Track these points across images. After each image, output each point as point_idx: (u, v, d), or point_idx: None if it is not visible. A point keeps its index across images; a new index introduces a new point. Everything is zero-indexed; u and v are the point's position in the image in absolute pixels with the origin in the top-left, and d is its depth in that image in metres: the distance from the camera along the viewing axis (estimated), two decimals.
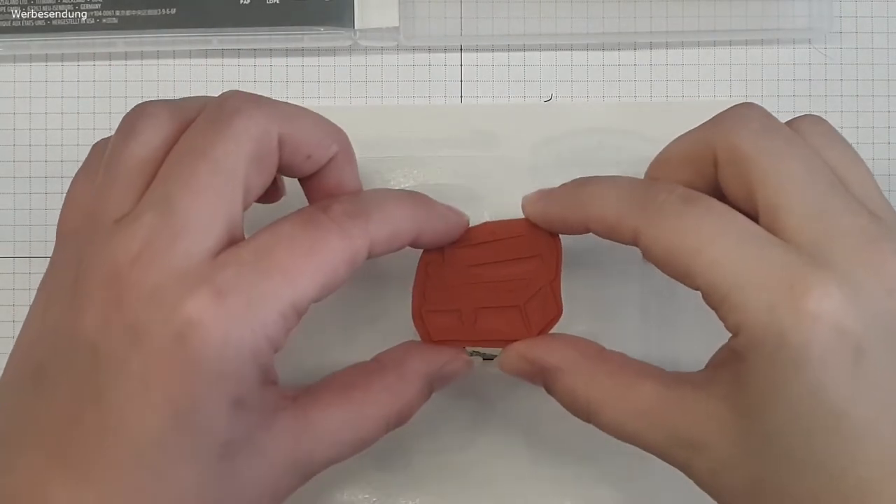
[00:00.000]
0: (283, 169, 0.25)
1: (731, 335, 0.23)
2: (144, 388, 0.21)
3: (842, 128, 0.32)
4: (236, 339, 0.21)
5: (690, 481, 0.24)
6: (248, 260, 0.22)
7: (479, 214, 0.32)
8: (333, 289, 0.23)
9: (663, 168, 0.27)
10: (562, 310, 0.27)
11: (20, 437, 0.22)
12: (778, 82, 0.33)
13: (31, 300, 0.33)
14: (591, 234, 0.26)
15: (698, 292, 0.23)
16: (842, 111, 0.33)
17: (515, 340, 0.27)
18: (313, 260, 0.22)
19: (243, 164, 0.23)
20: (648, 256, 0.24)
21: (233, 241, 0.23)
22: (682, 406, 0.24)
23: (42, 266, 0.32)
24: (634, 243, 0.24)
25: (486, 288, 0.27)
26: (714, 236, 0.23)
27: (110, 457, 0.21)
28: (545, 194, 0.27)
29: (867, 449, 0.21)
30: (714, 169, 0.25)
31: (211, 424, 0.22)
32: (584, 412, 0.26)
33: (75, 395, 0.22)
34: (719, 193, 0.25)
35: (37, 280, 0.32)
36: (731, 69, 0.33)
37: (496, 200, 0.32)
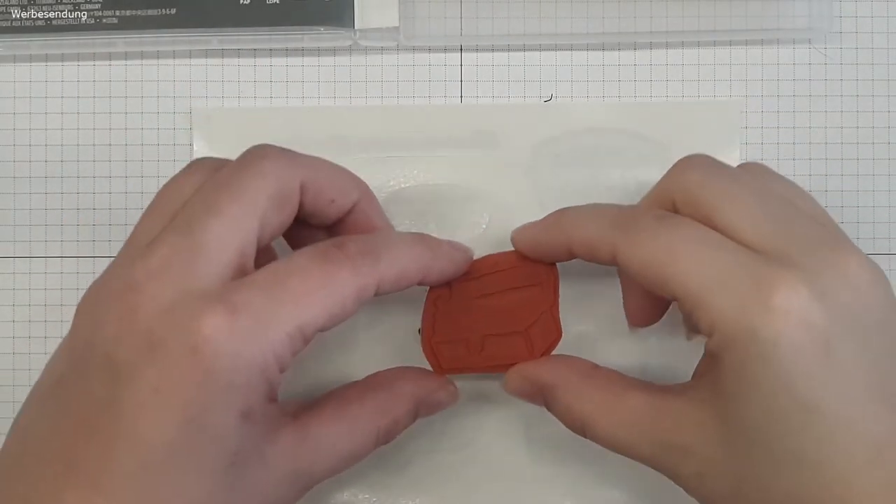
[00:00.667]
0: (310, 215, 0.27)
1: (707, 339, 0.24)
2: (158, 396, 0.22)
3: (842, 128, 0.33)
4: (247, 354, 0.22)
5: None
6: (262, 284, 0.23)
7: (478, 214, 0.32)
8: (340, 320, 0.24)
9: None
10: (561, 332, 0.29)
11: (38, 446, 0.23)
12: (778, 82, 0.33)
13: (30, 300, 0.33)
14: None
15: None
16: (842, 111, 0.33)
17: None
18: (323, 290, 0.24)
19: (263, 198, 0.24)
20: (627, 271, 0.25)
21: (243, 268, 0.24)
22: (668, 414, 0.25)
23: (42, 266, 0.32)
24: (613, 261, 0.26)
25: (490, 317, 0.29)
26: (686, 246, 0.24)
27: (121, 464, 0.22)
28: (531, 225, 0.29)
29: (839, 442, 0.22)
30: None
31: (221, 434, 0.22)
32: (579, 426, 0.27)
33: (90, 404, 0.22)
34: None
35: (37, 280, 0.32)
36: (731, 69, 0.33)
37: (496, 200, 0.32)
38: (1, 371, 0.32)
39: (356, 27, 0.32)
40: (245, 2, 0.31)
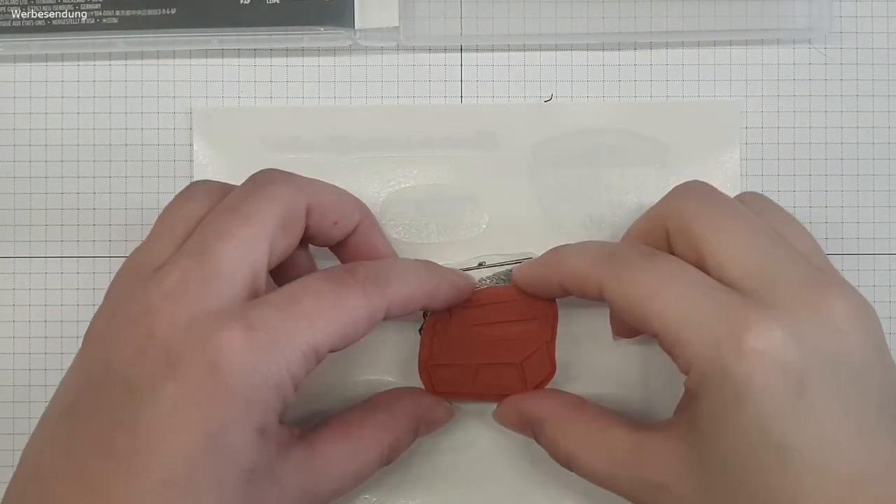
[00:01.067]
0: (315, 237, 0.28)
1: (685, 377, 0.24)
2: (177, 412, 0.22)
3: (842, 128, 0.33)
4: (263, 371, 0.23)
5: None
6: (278, 304, 0.24)
7: (478, 215, 0.32)
8: (351, 341, 0.25)
9: (630, 238, 0.29)
10: (555, 369, 0.29)
11: (56, 467, 0.23)
12: (778, 82, 0.33)
13: (30, 300, 0.33)
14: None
15: None
16: (842, 111, 0.33)
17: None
18: (336, 313, 0.24)
19: (272, 222, 0.25)
20: (613, 307, 0.26)
21: (256, 290, 0.25)
22: (647, 449, 0.26)
23: (42, 266, 0.32)
24: (600, 296, 0.26)
25: (487, 346, 0.30)
26: (666, 284, 0.24)
27: (141, 484, 0.22)
28: (531, 262, 0.30)
29: (810, 480, 0.22)
30: (667, 241, 0.27)
31: (239, 451, 0.23)
32: (564, 460, 0.28)
33: (108, 425, 0.23)
34: None
35: (37, 280, 0.32)
36: (731, 69, 0.33)
37: (495, 201, 0.32)
38: (1, 371, 0.32)
39: (356, 27, 0.32)
40: (245, 2, 0.31)
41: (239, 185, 0.27)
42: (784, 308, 0.23)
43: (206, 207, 0.26)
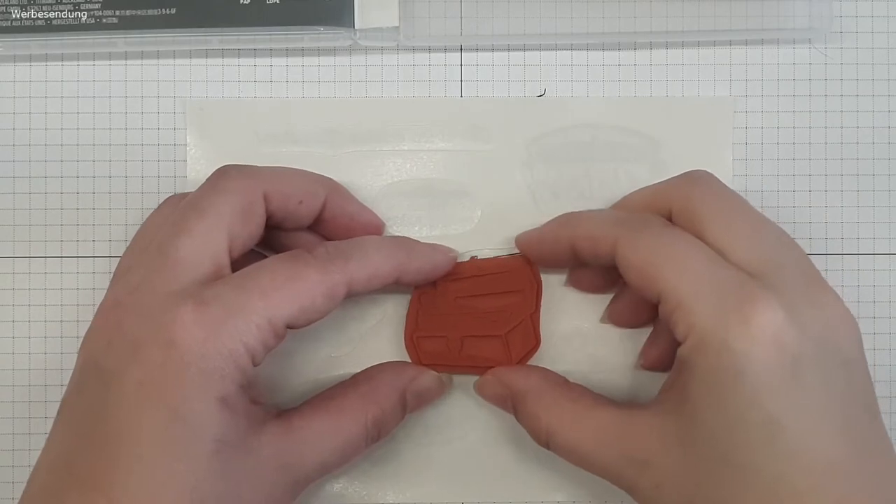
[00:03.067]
0: (283, 220, 0.28)
1: (680, 345, 0.25)
2: (141, 390, 0.24)
3: (842, 128, 0.33)
4: (216, 342, 0.24)
5: None
6: (232, 281, 0.25)
7: (470, 209, 0.32)
8: (311, 317, 0.26)
9: (627, 210, 0.30)
10: (540, 341, 0.30)
11: (47, 460, 0.25)
12: (778, 82, 0.33)
13: (30, 300, 0.33)
14: None
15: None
16: (842, 111, 0.33)
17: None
18: (291, 287, 0.25)
19: (227, 213, 0.26)
20: (622, 265, 0.27)
21: (219, 277, 0.26)
22: (632, 426, 0.26)
23: (42, 266, 0.32)
24: (612, 254, 0.27)
25: (472, 318, 0.30)
26: (682, 252, 0.25)
27: (115, 461, 0.23)
28: (538, 228, 0.30)
29: (800, 459, 0.23)
30: (668, 219, 0.28)
31: (202, 421, 0.24)
32: (543, 435, 0.28)
33: (85, 413, 0.24)
34: None
35: (37, 280, 0.32)
36: (730, 69, 0.33)
37: (488, 195, 0.32)
38: (1, 371, 0.32)
39: (356, 27, 0.32)
40: (245, 2, 0.31)
41: None
42: (785, 294, 0.24)
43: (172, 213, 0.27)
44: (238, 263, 0.26)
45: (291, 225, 0.29)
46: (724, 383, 0.23)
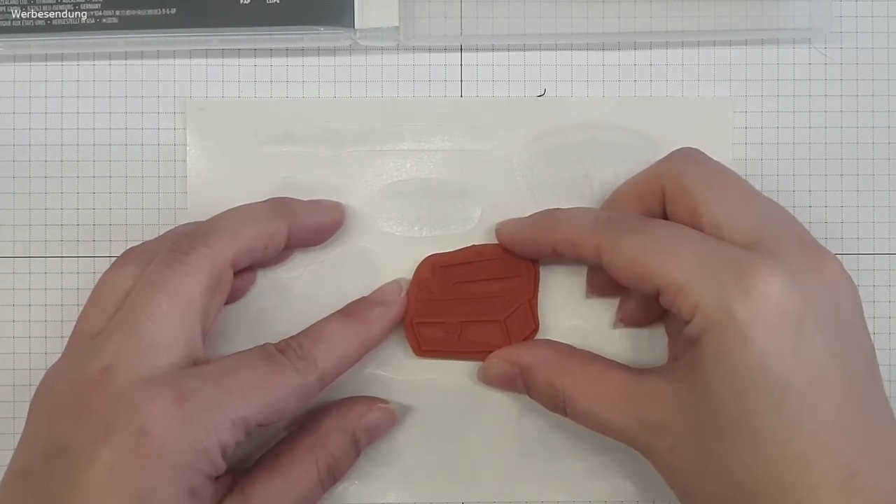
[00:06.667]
0: (252, 265, 0.29)
1: (686, 324, 0.25)
2: (111, 475, 0.23)
3: (842, 128, 0.33)
4: (191, 437, 0.24)
5: None
6: (212, 375, 0.25)
7: (470, 209, 0.32)
8: (281, 417, 0.26)
9: (618, 203, 0.30)
10: (539, 325, 0.30)
11: None
12: (778, 82, 0.33)
13: (30, 300, 0.33)
14: None
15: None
16: (842, 111, 0.33)
17: None
18: (269, 388, 0.26)
19: (199, 294, 0.26)
20: (610, 268, 0.27)
21: (193, 360, 0.26)
22: (647, 391, 0.26)
23: (42, 266, 0.32)
24: (597, 258, 0.27)
25: (471, 303, 0.31)
26: (668, 243, 0.26)
27: None
28: (517, 220, 0.30)
29: (806, 421, 0.23)
30: (661, 202, 0.28)
31: None
32: (560, 402, 0.28)
33: (51, 491, 0.24)
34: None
35: (37, 280, 0.32)
36: (730, 69, 0.33)
37: (488, 195, 0.32)
38: (1, 371, 0.32)
39: (356, 27, 0.32)
40: (245, 2, 0.31)
41: (155, 242, 0.28)
42: (784, 259, 0.24)
43: (136, 274, 0.27)
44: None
45: (261, 265, 0.29)
46: (733, 353, 0.24)
